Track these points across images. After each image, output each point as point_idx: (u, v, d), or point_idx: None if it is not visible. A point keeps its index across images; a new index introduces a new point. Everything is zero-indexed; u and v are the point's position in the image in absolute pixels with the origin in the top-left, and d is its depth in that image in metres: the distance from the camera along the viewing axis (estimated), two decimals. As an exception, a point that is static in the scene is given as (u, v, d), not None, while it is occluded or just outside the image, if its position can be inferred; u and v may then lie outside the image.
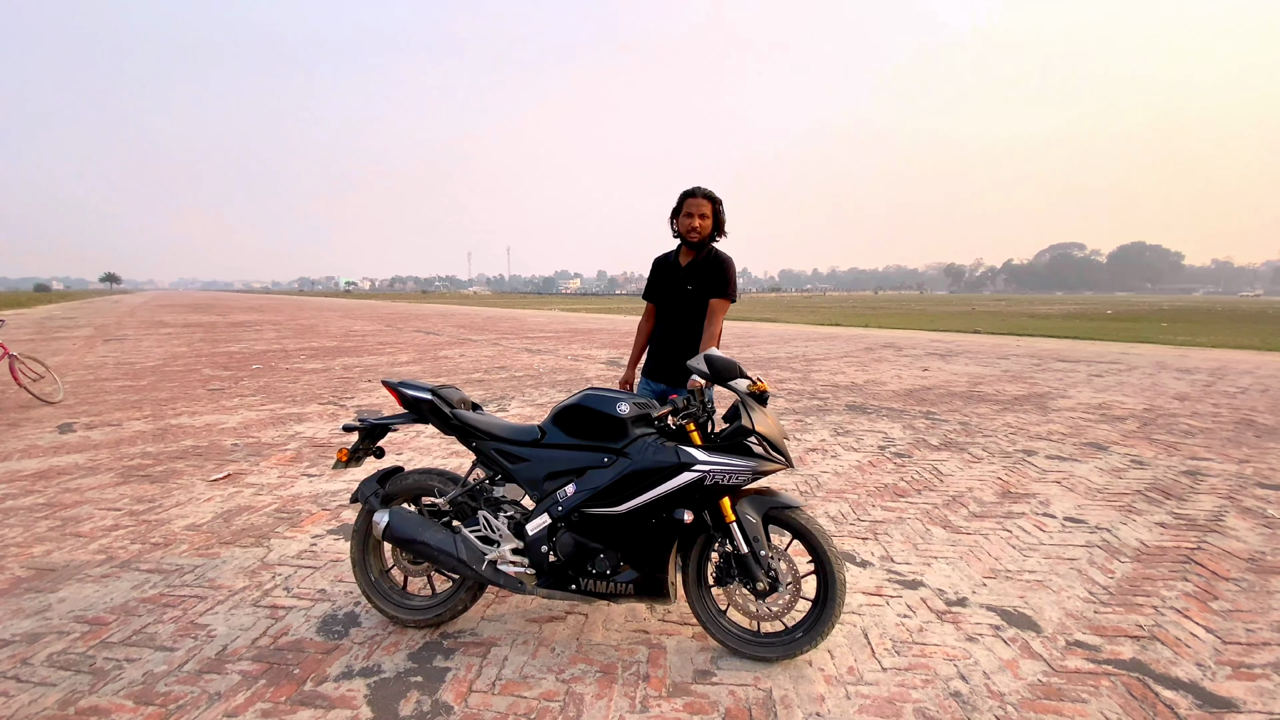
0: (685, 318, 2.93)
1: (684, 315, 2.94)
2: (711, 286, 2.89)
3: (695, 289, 2.90)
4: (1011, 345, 13.90)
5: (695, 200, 2.83)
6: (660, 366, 3.01)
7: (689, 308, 2.92)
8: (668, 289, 3.00)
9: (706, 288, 2.89)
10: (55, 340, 15.20)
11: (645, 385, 3.07)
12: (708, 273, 2.90)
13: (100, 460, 4.83)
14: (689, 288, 2.91)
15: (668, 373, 2.98)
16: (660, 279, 3.05)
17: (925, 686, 2.16)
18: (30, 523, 3.57)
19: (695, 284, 2.90)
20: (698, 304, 2.90)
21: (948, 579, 2.92)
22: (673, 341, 2.96)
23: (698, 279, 2.91)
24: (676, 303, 2.96)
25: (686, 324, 2.93)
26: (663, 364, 3.00)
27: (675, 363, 2.92)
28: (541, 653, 2.36)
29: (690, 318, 2.92)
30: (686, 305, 2.93)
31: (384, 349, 13.19)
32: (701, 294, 2.90)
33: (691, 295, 2.91)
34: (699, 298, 2.90)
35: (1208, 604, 2.69)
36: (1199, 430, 5.78)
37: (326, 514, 3.70)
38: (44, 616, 2.59)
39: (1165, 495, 4.04)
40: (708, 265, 2.91)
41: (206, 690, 2.13)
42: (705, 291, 2.89)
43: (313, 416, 6.40)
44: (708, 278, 2.90)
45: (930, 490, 4.14)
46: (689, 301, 2.92)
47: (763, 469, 2.20)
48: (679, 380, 2.91)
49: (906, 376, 9.12)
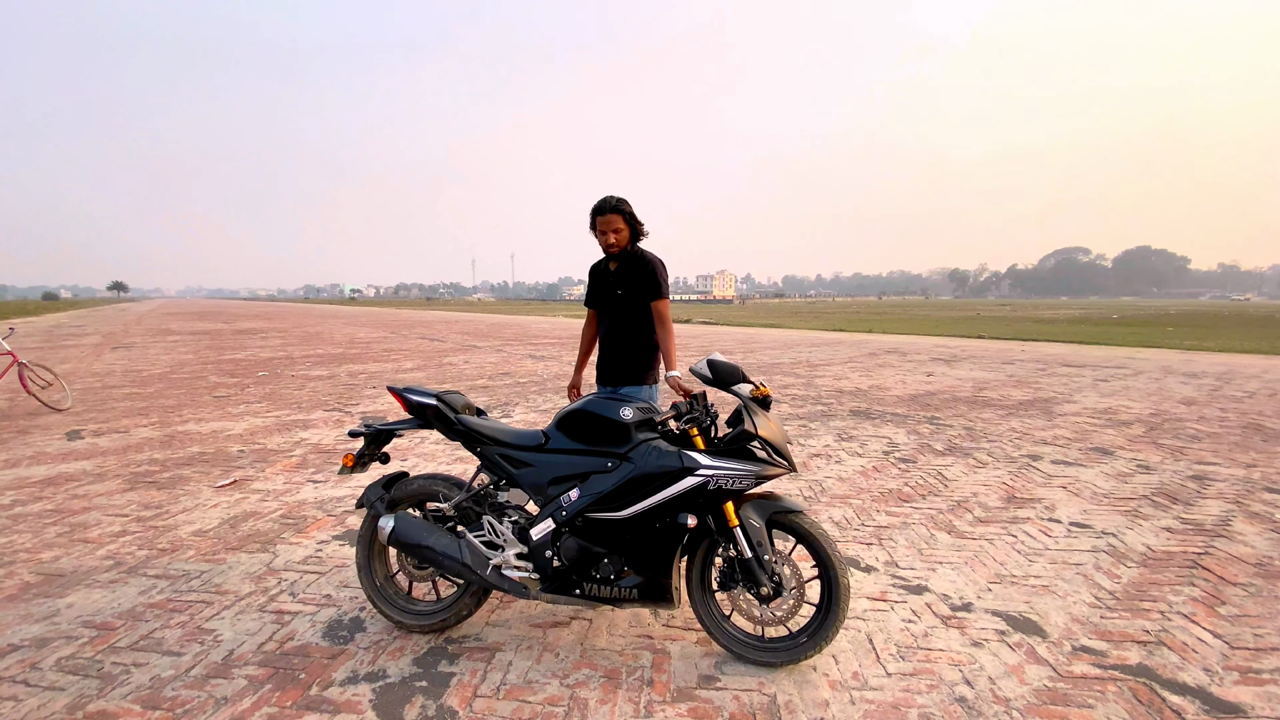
0: (620, 321, 3.05)
1: (618, 319, 3.05)
2: (642, 289, 2.98)
3: (625, 293, 3.01)
4: (1016, 350, 13.86)
5: (605, 218, 2.91)
6: (606, 369, 3.11)
7: (622, 311, 3.03)
8: (601, 295, 3.12)
9: (637, 290, 2.99)
10: (63, 348, 15.31)
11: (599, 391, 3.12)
12: (635, 276, 2.99)
13: (108, 467, 4.86)
14: (619, 292, 3.02)
15: (610, 375, 3.08)
16: (596, 286, 3.16)
17: (930, 692, 2.15)
18: (39, 529, 3.59)
19: (625, 288, 3.01)
20: (630, 307, 3.01)
21: (952, 584, 2.91)
22: (611, 345, 3.09)
23: (626, 283, 3.01)
24: (611, 308, 3.08)
25: (621, 327, 3.05)
26: (608, 367, 3.10)
27: (616, 365, 3.06)
28: (546, 658, 2.36)
29: (625, 321, 3.04)
30: (619, 309, 3.04)
31: (389, 356, 13.23)
32: (632, 297, 3.00)
33: (623, 299, 3.01)
34: (630, 301, 3.00)
35: (1215, 609, 2.68)
36: (1206, 435, 5.75)
37: (332, 520, 3.71)
38: (52, 621, 2.61)
39: (1172, 500, 4.02)
40: (633, 268, 3.00)
41: (213, 695, 2.14)
42: (636, 294, 2.99)
43: (318, 423, 6.43)
44: (636, 281, 2.99)
45: (935, 495, 4.13)
46: (621, 306, 3.03)
47: (766, 473, 2.20)
48: (621, 381, 3.04)
49: (911, 382, 9.11)
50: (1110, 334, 19.10)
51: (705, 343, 16.47)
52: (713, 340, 17.38)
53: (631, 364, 3.05)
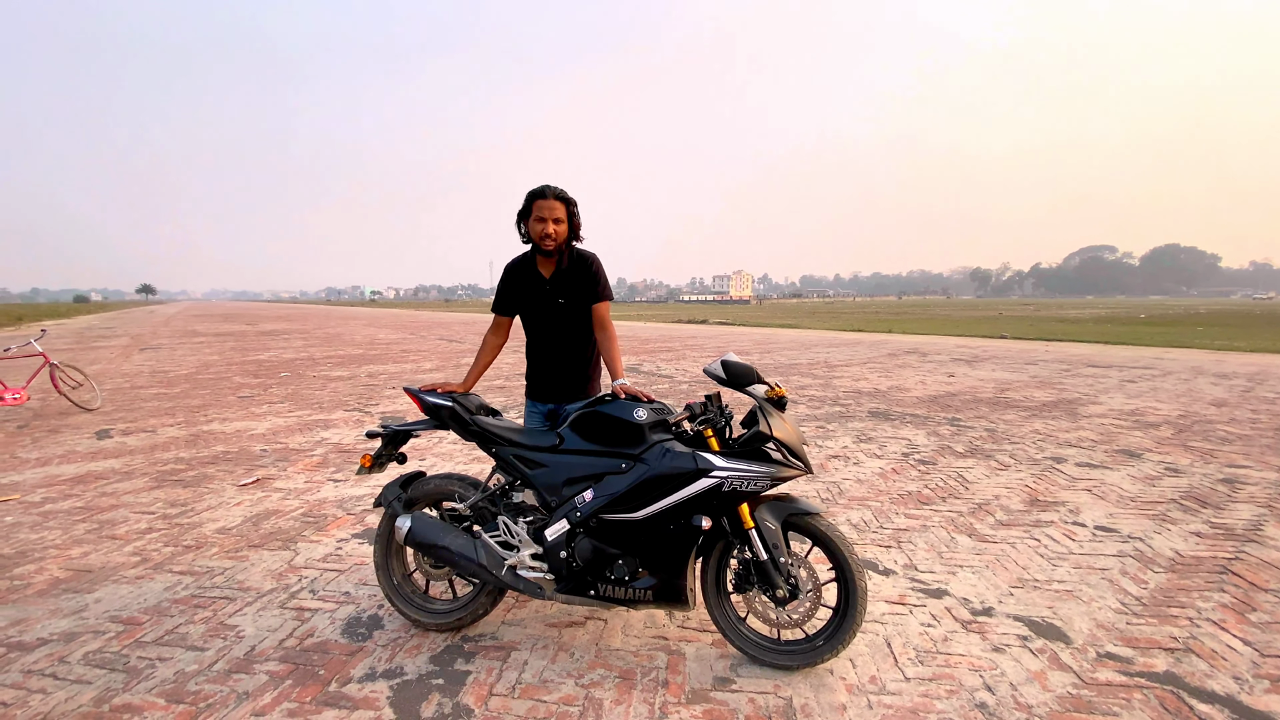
0: (563, 333, 2.69)
1: (561, 330, 2.69)
2: (586, 294, 2.65)
3: (568, 301, 2.64)
4: (1040, 350, 13.62)
5: (546, 202, 2.50)
6: (545, 385, 2.77)
7: (564, 321, 2.68)
8: (533, 303, 2.69)
9: (581, 297, 2.65)
10: (93, 349, 15.70)
11: (532, 407, 2.82)
12: (578, 280, 2.64)
13: (135, 465, 4.97)
14: (560, 301, 2.64)
15: (554, 391, 2.75)
16: (519, 291, 2.70)
17: (950, 697, 2.12)
18: (69, 525, 3.69)
19: (567, 296, 2.64)
20: (574, 316, 2.67)
21: (973, 588, 2.86)
22: (551, 359, 2.73)
23: (568, 290, 2.64)
24: (549, 318, 2.68)
25: (565, 338, 2.70)
26: (548, 383, 2.76)
27: (559, 380, 2.73)
28: (561, 657, 2.37)
29: (568, 331, 2.69)
30: (561, 320, 2.67)
31: (408, 357, 13.37)
32: (577, 305, 2.66)
33: (565, 308, 2.65)
34: (574, 309, 2.66)
35: (1245, 615, 2.60)
36: (1237, 437, 5.60)
37: (351, 518, 3.76)
38: (81, 616, 2.67)
39: (1201, 504, 3.92)
40: (576, 272, 2.64)
41: (235, 690, 2.18)
42: (580, 301, 2.66)
43: (339, 423, 6.52)
44: (579, 286, 2.65)
45: (955, 498, 4.07)
46: (563, 315, 2.66)
47: (781, 475, 2.18)
48: (567, 397, 2.73)
49: (931, 382, 8.99)
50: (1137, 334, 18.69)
51: (721, 343, 16.42)
52: (729, 341, 17.32)
53: (577, 379, 2.74)
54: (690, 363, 11.75)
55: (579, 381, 2.75)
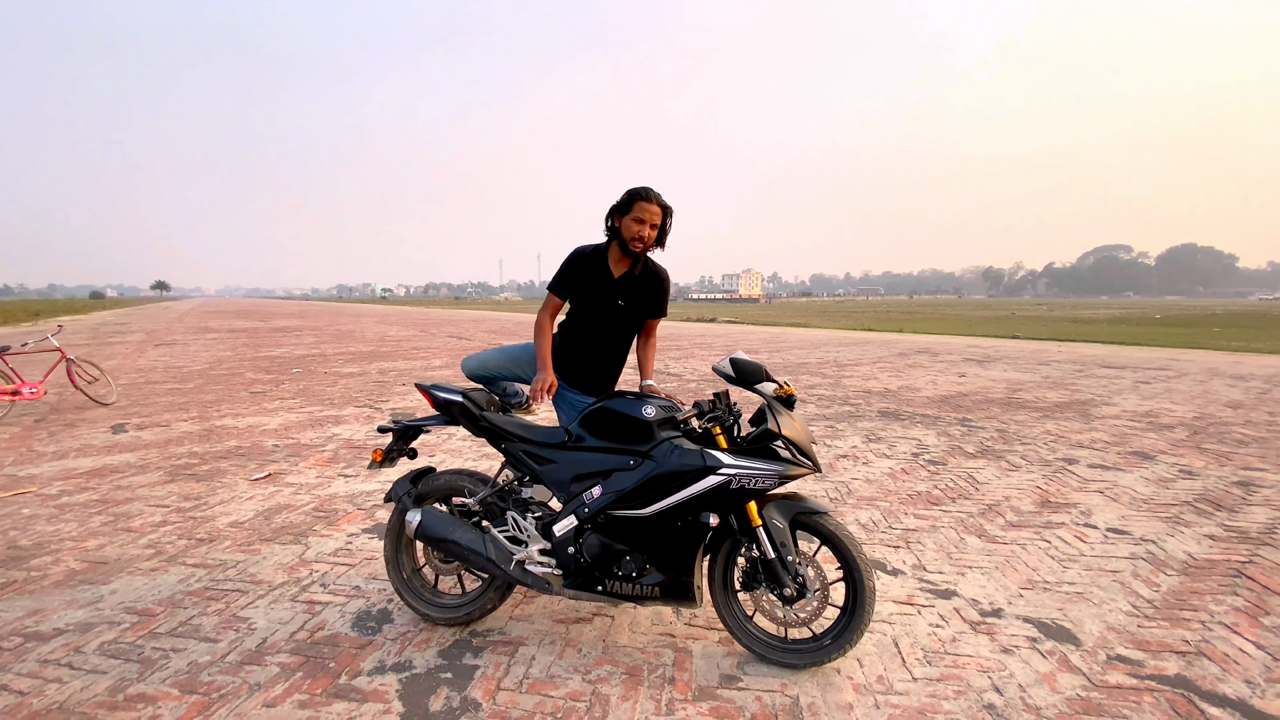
0: (611, 332, 2.70)
1: (613, 329, 2.70)
2: (649, 306, 2.69)
3: (628, 305, 2.66)
4: (1053, 351, 13.49)
5: (649, 205, 2.47)
6: (585, 376, 2.75)
7: (619, 322, 2.69)
8: (593, 296, 2.66)
9: (643, 307, 2.69)
10: (109, 345, 15.89)
11: (571, 395, 2.76)
12: (647, 291, 2.67)
13: (150, 459, 5.03)
14: (620, 303, 2.64)
15: (576, 378, 2.74)
16: (584, 280, 2.66)
17: (957, 698, 2.11)
18: (84, 518, 3.74)
19: (629, 300, 2.65)
20: (628, 320, 2.70)
21: (982, 589, 2.85)
22: (594, 352, 2.73)
23: (634, 295, 2.65)
24: (605, 314, 2.67)
25: (611, 337, 2.71)
26: (587, 374, 2.75)
27: (591, 373, 2.74)
28: (568, 653, 2.38)
29: (616, 332, 2.71)
30: (617, 320, 2.68)
31: (418, 354, 13.45)
32: (635, 311, 2.68)
33: (623, 311, 2.66)
34: (631, 315, 2.68)
35: (1259, 619, 2.57)
36: (1253, 439, 5.52)
37: (362, 513, 3.79)
38: (96, 607, 2.71)
39: (1215, 507, 3.87)
40: (647, 282, 2.66)
41: (247, 681, 2.20)
42: (641, 310, 2.69)
43: (350, 419, 6.56)
44: (646, 296, 2.67)
45: (965, 498, 4.05)
46: (620, 317, 2.67)
47: (790, 473, 2.18)
48: (589, 388, 2.75)
49: (942, 382, 8.93)
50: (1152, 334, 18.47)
51: (730, 341, 16.39)
52: (738, 339, 17.28)
53: (605, 376, 2.78)
54: (699, 361, 11.74)
55: (607, 379, 2.80)
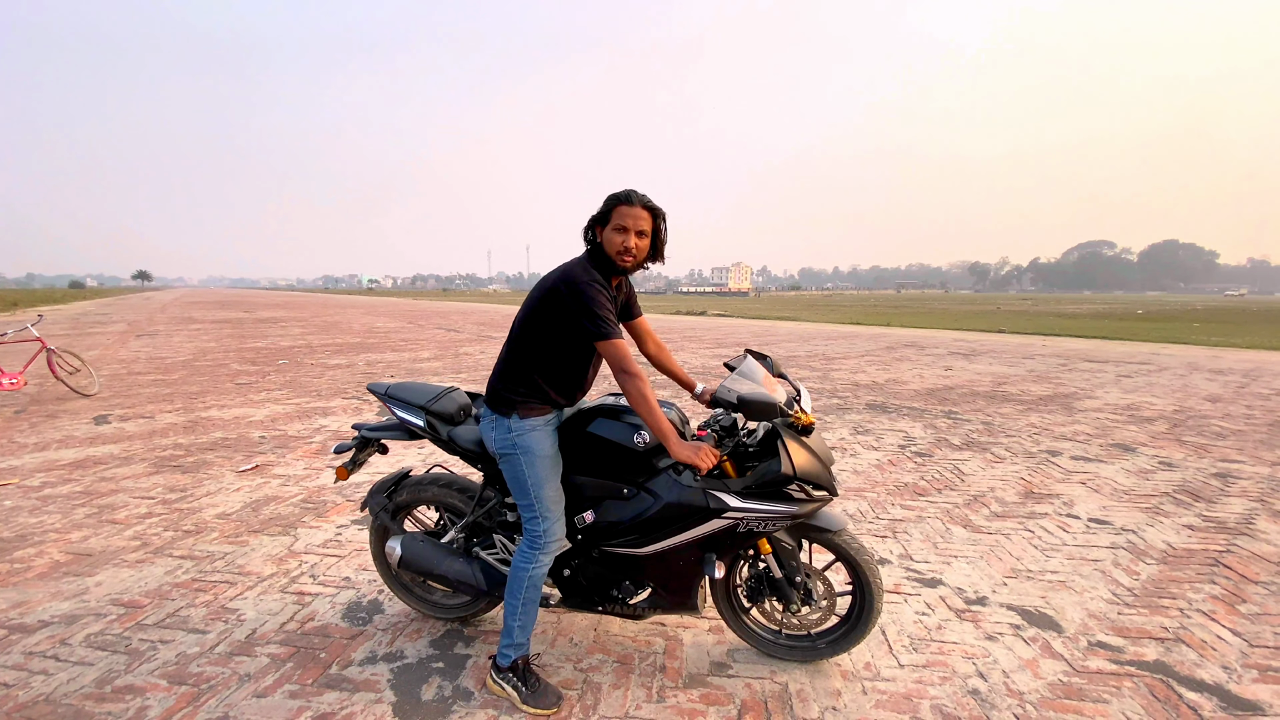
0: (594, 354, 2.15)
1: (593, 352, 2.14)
2: (624, 314, 2.27)
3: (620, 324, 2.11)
4: (1037, 345, 13.66)
5: (630, 210, 1.94)
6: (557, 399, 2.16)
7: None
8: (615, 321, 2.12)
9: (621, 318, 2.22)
10: (90, 335, 15.64)
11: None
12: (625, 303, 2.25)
13: (134, 451, 4.97)
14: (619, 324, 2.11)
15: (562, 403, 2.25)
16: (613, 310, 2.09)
17: (943, 684, 2.15)
18: (68, 510, 3.69)
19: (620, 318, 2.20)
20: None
21: (967, 578, 2.90)
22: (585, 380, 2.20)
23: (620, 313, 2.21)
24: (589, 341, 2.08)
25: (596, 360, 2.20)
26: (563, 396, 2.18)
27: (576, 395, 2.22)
28: (560, 642, 2.39)
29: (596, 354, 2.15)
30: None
31: (406, 345, 13.35)
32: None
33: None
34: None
35: (1235, 607, 2.64)
36: (1231, 432, 5.64)
37: (350, 505, 3.77)
38: (82, 599, 2.69)
39: (1194, 497, 3.96)
40: (626, 294, 2.25)
41: (237, 671, 2.20)
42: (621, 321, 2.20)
43: (337, 410, 6.52)
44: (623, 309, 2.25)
45: (951, 489, 4.10)
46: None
47: (803, 511, 2.00)
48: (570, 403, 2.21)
49: (928, 376, 9.02)
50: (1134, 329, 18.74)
51: (719, 335, 16.42)
52: (727, 333, 17.31)
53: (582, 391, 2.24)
54: (689, 354, 11.75)
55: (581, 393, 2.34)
